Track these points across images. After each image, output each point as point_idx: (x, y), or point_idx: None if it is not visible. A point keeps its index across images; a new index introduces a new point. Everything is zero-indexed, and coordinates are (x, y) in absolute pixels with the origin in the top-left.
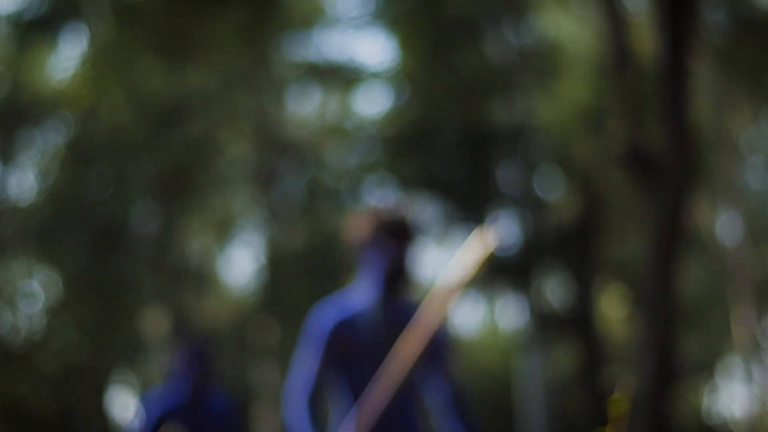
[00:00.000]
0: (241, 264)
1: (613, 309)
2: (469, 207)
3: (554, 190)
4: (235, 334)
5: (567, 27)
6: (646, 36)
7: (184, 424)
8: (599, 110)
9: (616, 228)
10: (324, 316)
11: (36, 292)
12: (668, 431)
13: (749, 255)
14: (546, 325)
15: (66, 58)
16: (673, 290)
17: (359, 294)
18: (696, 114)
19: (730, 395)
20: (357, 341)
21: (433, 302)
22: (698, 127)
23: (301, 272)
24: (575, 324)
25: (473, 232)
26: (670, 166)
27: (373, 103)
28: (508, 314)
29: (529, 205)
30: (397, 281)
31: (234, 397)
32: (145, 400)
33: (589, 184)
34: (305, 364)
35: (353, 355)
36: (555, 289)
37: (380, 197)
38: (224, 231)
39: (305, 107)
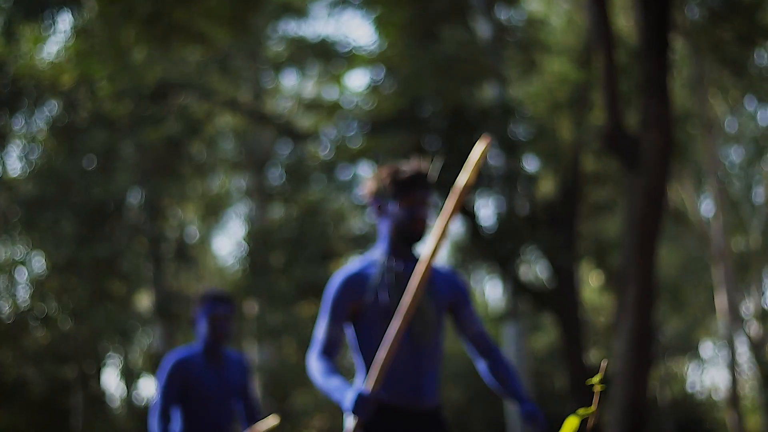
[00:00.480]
0: (228, 242)
1: (593, 284)
2: (451, 185)
3: (536, 167)
4: None
5: (550, 4)
6: (627, 13)
7: (204, 386)
8: (581, 88)
9: (597, 205)
10: (337, 276)
11: (24, 268)
12: (646, 402)
13: (730, 233)
14: (526, 299)
15: (52, 35)
16: (652, 265)
17: (375, 252)
18: (680, 94)
19: (713, 367)
20: (367, 297)
21: (447, 205)
22: (681, 107)
23: (284, 250)
24: (555, 298)
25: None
26: (649, 143)
27: (358, 82)
28: (490, 288)
29: (511, 181)
30: (410, 237)
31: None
32: (165, 364)
33: (571, 161)
34: (319, 322)
35: (365, 310)
36: (536, 264)
37: (365, 175)
38: (212, 209)
39: (292, 85)
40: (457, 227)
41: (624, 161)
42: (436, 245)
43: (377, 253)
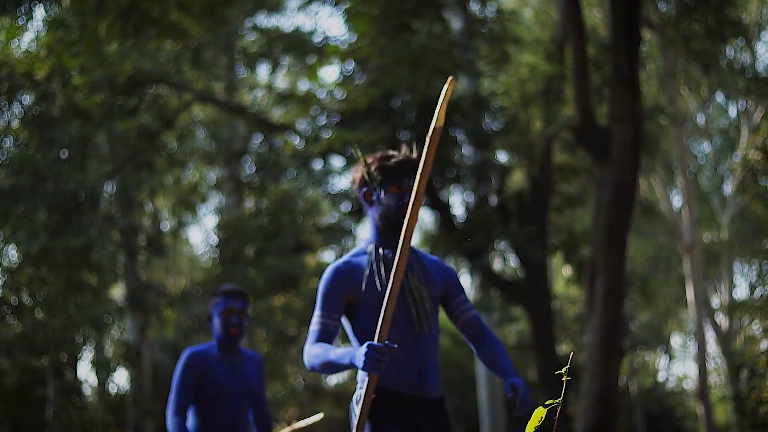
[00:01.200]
0: (201, 234)
1: (564, 276)
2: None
3: (508, 159)
4: (191, 303)
5: None
6: (599, 7)
7: (219, 384)
8: (553, 81)
9: (568, 197)
10: (328, 268)
11: None
12: (615, 393)
13: (700, 226)
14: (497, 291)
15: (27, 26)
16: (622, 257)
17: (364, 242)
18: (650, 87)
19: (683, 358)
20: (360, 288)
21: (424, 154)
22: (652, 100)
23: (257, 242)
24: (526, 290)
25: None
26: (620, 136)
27: (331, 74)
28: (461, 280)
29: (482, 173)
30: (398, 225)
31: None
32: (180, 359)
33: (542, 153)
34: (313, 316)
35: (359, 301)
36: (507, 256)
37: (341, 167)
38: (186, 200)
39: (266, 76)
40: (428, 218)
41: (594, 154)
42: (416, 205)
43: (366, 243)
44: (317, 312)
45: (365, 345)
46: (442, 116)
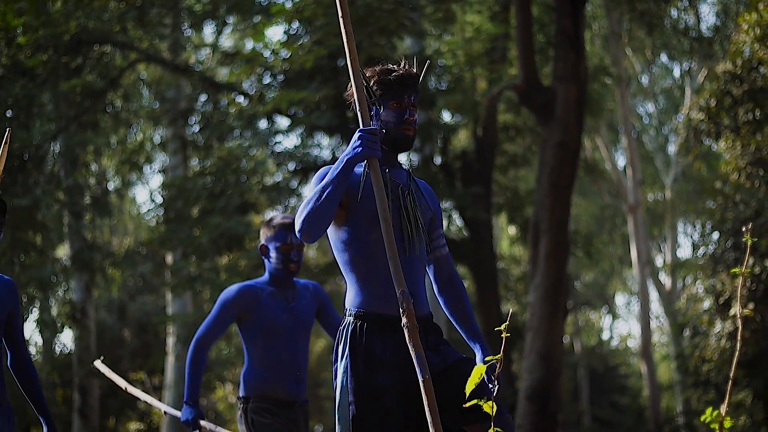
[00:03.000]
0: (146, 193)
1: (509, 235)
2: None
3: (453, 118)
4: (137, 262)
5: None
6: None
7: (274, 321)
8: (498, 40)
9: (512, 157)
10: (323, 169)
11: None
12: (560, 351)
13: (644, 185)
14: None
15: None
16: (565, 217)
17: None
18: (594, 48)
19: (627, 317)
20: (355, 192)
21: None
22: (596, 61)
23: (202, 201)
24: (471, 250)
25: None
26: (563, 96)
27: (276, 33)
28: None
29: (427, 133)
30: (398, 141)
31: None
32: (224, 293)
33: (487, 113)
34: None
35: (350, 210)
36: (451, 216)
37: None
38: (132, 160)
39: (211, 36)
40: None
41: (538, 114)
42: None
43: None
44: (313, 190)
45: (357, 131)
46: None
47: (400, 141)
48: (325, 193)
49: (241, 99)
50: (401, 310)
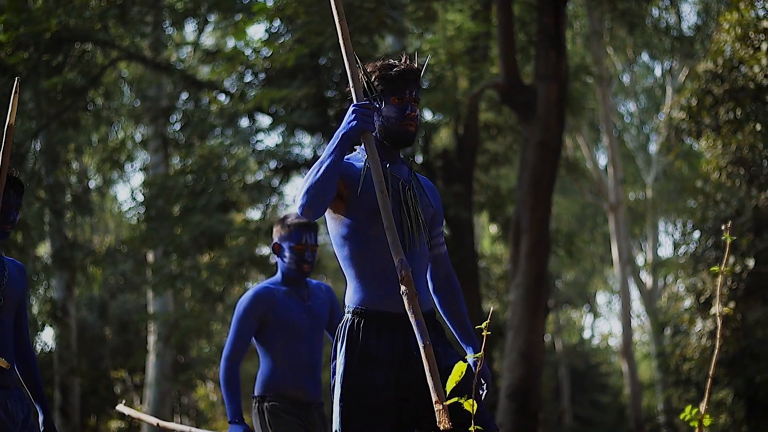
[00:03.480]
0: (127, 192)
1: (490, 234)
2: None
3: (434, 117)
4: (118, 260)
5: None
6: None
7: (290, 320)
8: (480, 39)
9: (494, 156)
10: None
11: None
12: (540, 349)
13: (625, 184)
14: None
15: None
16: (546, 215)
17: (360, 151)
18: (576, 47)
19: (608, 315)
20: (354, 184)
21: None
22: (578, 60)
23: (183, 199)
24: (452, 248)
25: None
26: (544, 95)
27: (257, 31)
28: None
29: None
30: (399, 136)
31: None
32: (241, 300)
33: (468, 112)
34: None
35: (350, 202)
36: None
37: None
38: (113, 159)
39: (192, 34)
40: None
41: (520, 112)
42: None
43: (363, 152)
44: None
45: (350, 106)
46: None
47: (401, 136)
48: (323, 167)
49: (222, 97)
50: (399, 277)
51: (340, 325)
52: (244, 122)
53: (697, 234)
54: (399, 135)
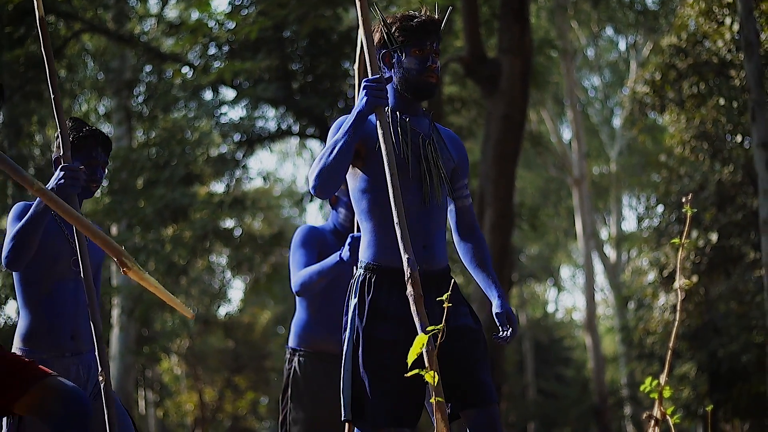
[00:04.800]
0: None
1: None
2: (317, 106)
3: None
4: None
5: None
6: None
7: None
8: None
9: (458, 129)
10: (340, 120)
11: None
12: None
13: (589, 158)
14: None
15: None
16: (510, 189)
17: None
18: (540, 21)
19: (572, 289)
20: (373, 141)
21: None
22: (542, 34)
23: (146, 172)
24: None
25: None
26: (508, 68)
27: (221, 4)
28: None
29: None
30: (420, 89)
31: None
32: (297, 233)
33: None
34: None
35: (368, 157)
36: None
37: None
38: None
39: (156, 6)
40: (319, 151)
41: (484, 86)
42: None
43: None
44: (328, 142)
45: (363, 83)
46: None
47: (422, 88)
48: (337, 148)
49: (186, 70)
50: (406, 278)
51: (352, 280)
52: (208, 95)
53: (660, 208)
54: (420, 87)
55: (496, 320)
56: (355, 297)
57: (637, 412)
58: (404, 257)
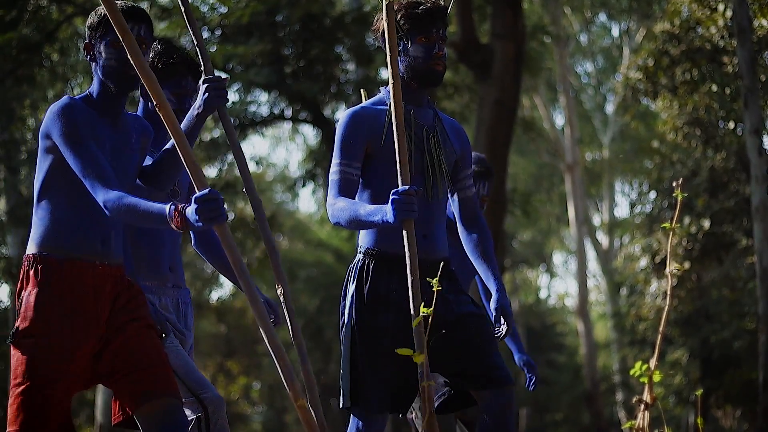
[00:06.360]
0: None
1: None
2: (310, 91)
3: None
4: None
5: None
6: None
7: None
8: None
9: (450, 114)
10: (345, 113)
11: None
12: None
13: (582, 144)
14: None
15: None
16: (502, 174)
17: (384, 92)
18: (533, 6)
19: (565, 275)
20: (378, 137)
21: None
22: (535, 20)
23: None
24: None
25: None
26: (501, 54)
27: None
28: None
29: (365, 88)
30: (427, 77)
31: None
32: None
33: None
34: (332, 164)
35: (374, 153)
36: None
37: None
38: None
39: None
40: (311, 134)
41: (476, 71)
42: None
43: (387, 94)
44: (336, 161)
45: (392, 194)
46: None
47: (429, 76)
48: (355, 223)
49: None
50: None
51: (351, 265)
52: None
53: (653, 194)
54: (426, 75)
55: (491, 314)
56: (353, 283)
57: (629, 398)
58: (409, 279)
